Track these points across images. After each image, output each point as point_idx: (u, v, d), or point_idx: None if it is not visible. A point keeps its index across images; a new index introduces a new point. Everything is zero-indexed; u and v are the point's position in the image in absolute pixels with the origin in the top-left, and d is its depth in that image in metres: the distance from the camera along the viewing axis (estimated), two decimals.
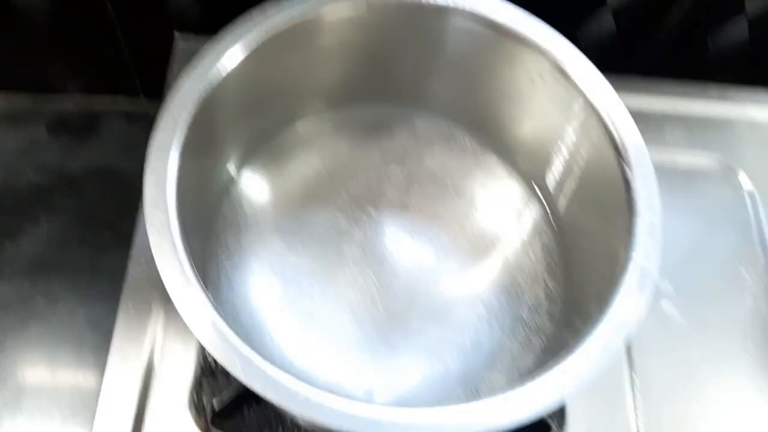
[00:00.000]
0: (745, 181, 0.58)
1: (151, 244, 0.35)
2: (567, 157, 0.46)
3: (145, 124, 0.62)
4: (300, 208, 0.50)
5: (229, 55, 0.41)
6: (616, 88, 0.42)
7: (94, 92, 0.64)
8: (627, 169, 0.39)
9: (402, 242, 0.49)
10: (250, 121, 0.48)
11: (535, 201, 0.51)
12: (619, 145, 0.40)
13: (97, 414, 0.44)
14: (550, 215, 0.50)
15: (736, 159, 0.59)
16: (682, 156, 0.58)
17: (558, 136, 0.46)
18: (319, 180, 0.51)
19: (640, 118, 0.57)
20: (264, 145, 0.51)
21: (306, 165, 0.52)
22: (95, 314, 0.53)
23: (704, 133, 0.59)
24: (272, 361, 0.33)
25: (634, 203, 0.38)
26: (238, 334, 0.33)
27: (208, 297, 0.34)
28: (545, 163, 0.48)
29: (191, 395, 0.44)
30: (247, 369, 0.32)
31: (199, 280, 0.35)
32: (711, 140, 0.59)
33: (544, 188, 0.50)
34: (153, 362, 0.45)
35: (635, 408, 0.47)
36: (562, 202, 0.49)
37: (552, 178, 0.49)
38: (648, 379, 0.48)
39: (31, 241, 0.57)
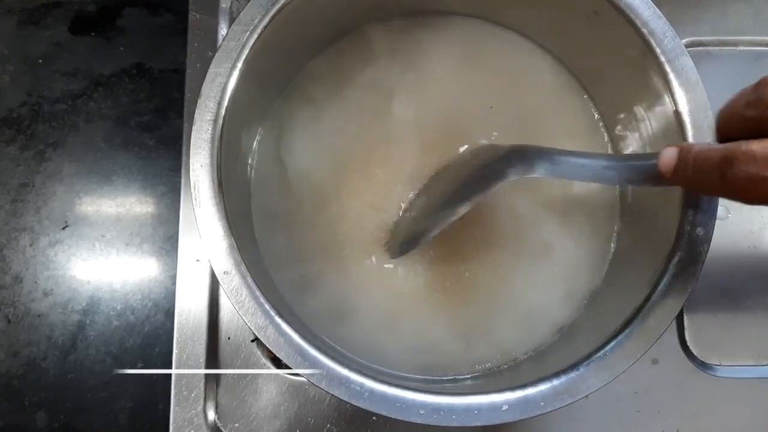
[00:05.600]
0: None
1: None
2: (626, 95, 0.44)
3: (168, 16, 0.61)
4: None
5: None
6: None
7: None
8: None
9: None
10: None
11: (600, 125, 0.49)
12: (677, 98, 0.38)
13: None
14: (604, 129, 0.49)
15: None
16: (745, 38, 0.54)
17: (618, 73, 0.43)
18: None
19: None
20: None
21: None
22: (157, 214, 0.55)
23: None
24: None
25: None
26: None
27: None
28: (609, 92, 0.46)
29: None
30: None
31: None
32: None
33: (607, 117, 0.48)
34: None
35: None
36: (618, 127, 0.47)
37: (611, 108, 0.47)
38: None
39: (74, 149, 0.57)
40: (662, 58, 0.38)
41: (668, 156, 0.32)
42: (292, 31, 0.42)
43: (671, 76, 0.38)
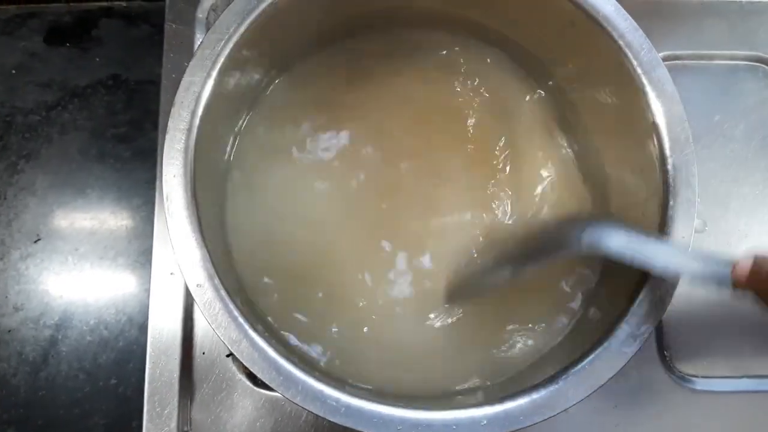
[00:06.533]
0: None
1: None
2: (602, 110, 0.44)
3: (145, 28, 0.60)
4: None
5: None
6: None
7: None
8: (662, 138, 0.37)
9: None
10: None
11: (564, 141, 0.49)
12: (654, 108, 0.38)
13: None
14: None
15: None
16: (720, 52, 0.55)
17: (596, 86, 0.43)
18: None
19: (677, 11, 0.55)
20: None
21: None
22: (131, 227, 0.54)
23: (745, 27, 0.55)
24: None
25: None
26: None
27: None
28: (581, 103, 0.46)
29: None
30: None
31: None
32: (752, 35, 0.55)
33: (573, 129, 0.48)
34: None
35: None
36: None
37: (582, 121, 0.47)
38: None
39: (48, 161, 0.56)
40: (639, 70, 0.38)
41: (743, 266, 0.32)
42: (270, 41, 0.42)
43: (648, 88, 0.38)
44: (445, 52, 0.50)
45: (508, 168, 0.48)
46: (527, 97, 0.49)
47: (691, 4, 0.55)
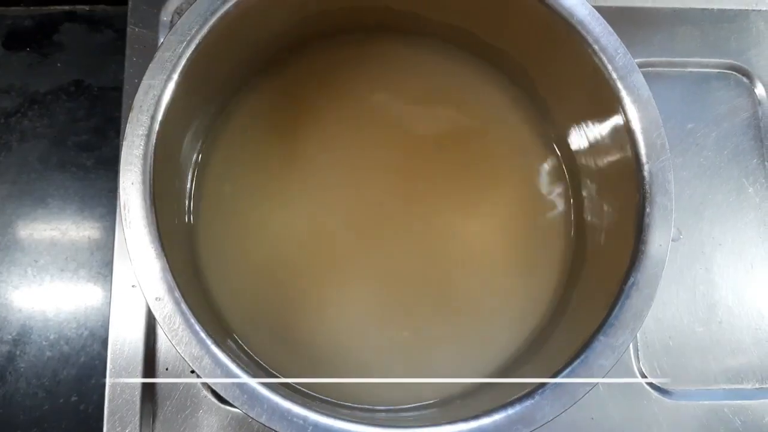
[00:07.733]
0: (759, 87, 0.54)
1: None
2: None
3: (109, 33, 0.59)
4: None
5: None
6: None
7: (50, 2, 0.58)
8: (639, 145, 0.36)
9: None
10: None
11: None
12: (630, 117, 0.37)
13: None
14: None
15: (750, 63, 0.55)
16: (693, 59, 0.54)
17: (571, 90, 0.42)
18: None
19: (650, 18, 0.55)
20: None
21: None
22: (94, 237, 0.53)
23: (717, 35, 0.55)
24: None
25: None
26: None
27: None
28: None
29: None
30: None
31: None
32: (724, 43, 0.55)
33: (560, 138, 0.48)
34: None
35: None
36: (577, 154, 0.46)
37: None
38: None
39: (6, 170, 0.54)
40: (614, 75, 0.37)
41: None
42: (234, 44, 0.40)
43: (623, 93, 0.37)
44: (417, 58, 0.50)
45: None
46: (505, 97, 0.49)
47: (664, 11, 0.55)
